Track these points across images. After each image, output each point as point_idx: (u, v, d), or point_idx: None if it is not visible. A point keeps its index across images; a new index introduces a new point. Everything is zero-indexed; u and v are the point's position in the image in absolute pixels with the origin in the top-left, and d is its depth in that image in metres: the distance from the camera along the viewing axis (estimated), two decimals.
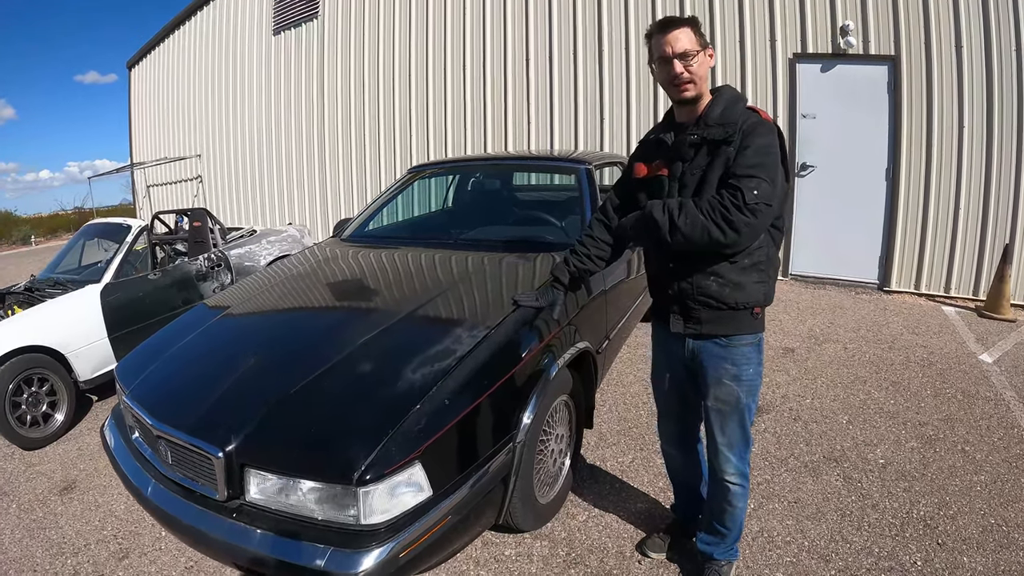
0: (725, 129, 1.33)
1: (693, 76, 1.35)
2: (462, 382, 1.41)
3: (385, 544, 1.22)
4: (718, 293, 1.39)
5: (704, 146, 1.37)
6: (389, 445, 1.24)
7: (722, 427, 1.50)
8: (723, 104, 1.37)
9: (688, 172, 1.39)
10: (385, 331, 1.66)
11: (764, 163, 1.29)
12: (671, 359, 1.58)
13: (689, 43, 1.34)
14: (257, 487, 1.35)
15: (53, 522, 2.23)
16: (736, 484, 1.53)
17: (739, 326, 1.42)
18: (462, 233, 2.67)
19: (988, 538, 1.84)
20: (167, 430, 1.47)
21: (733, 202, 1.26)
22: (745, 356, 1.45)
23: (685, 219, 1.30)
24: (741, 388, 1.46)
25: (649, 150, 1.52)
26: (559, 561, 1.79)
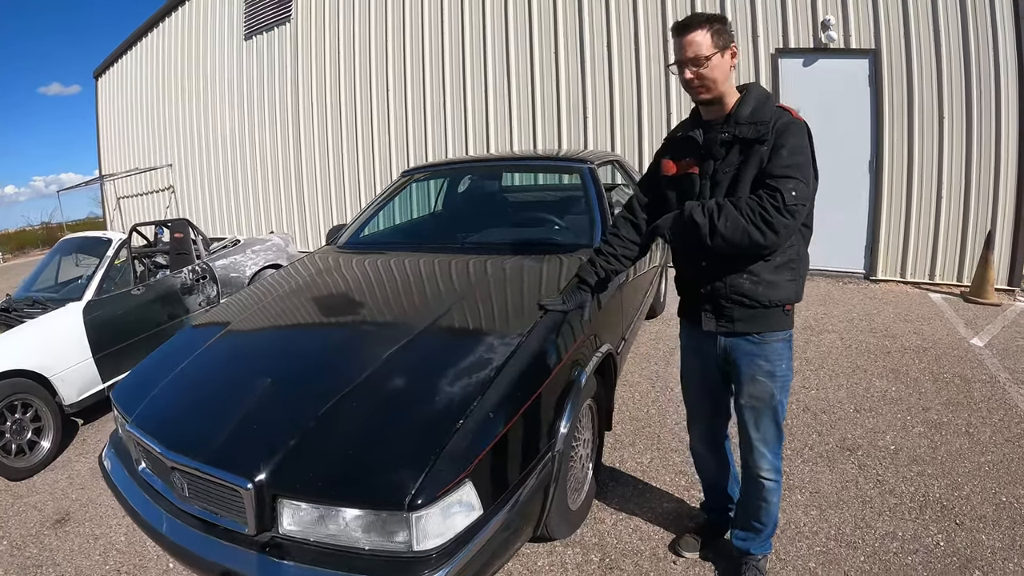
0: (757, 128, 1.32)
1: (705, 81, 1.35)
2: (504, 393, 1.36)
3: (439, 571, 1.15)
4: (752, 291, 1.39)
5: (736, 144, 1.36)
6: (439, 465, 1.18)
7: (756, 424, 1.51)
8: (753, 103, 1.37)
9: (720, 170, 1.39)
10: (409, 344, 1.59)
11: (799, 163, 1.29)
12: (703, 358, 1.58)
13: (703, 47, 1.33)
14: (291, 518, 1.26)
15: (49, 558, 2.10)
16: (771, 480, 1.54)
17: (771, 323, 1.43)
18: (467, 237, 2.60)
19: (1003, 515, 1.90)
20: (184, 461, 1.36)
21: (772, 203, 1.26)
22: (777, 352, 1.46)
23: (725, 222, 1.29)
24: (775, 384, 1.47)
25: (677, 147, 1.50)
26: (594, 568, 1.76)
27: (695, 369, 1.63)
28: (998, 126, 4.39)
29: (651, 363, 3.36)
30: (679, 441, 2.49)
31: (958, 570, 1.66)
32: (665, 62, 5.51)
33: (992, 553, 1.72)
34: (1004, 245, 4.50)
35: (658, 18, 5.50)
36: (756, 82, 1.46)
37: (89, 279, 3.27)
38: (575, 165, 2.78)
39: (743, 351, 1.47)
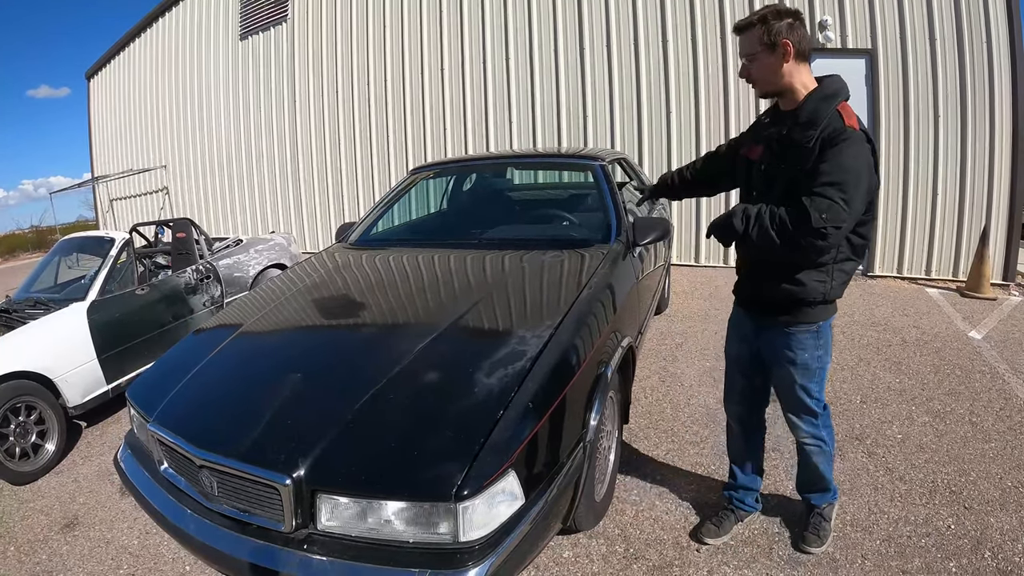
0: (805, 133, 1.33)
1: (752, 78, 1.41)
2: (540, 384, 1.37)
3: (483, 561, 1.15)
4: (781, 287, 1.48)
5: (784, 142, 1.39)
6: (484, 455, 1.18)
7: (787, 400, 1.65)
8: (815, 102, 1.35)
9: (770, 165, 1.44)
10: (439, 338, 1.59)
11: (840, 181, 1.26)
12: (740, 337, 1.71)
13: (750, 46, 1.37)
14: (330, 513, 1.24)
15: (60, 564, 2.04)
16: (810, 444, 1.67)
17: (797, 315, 1.51)
18: (483, 233, 2.61)
19: (1009, 498, 1.96)
20: (216, 459, 1.34)
21: (801, 223, 1.27)
22: (802, 342, 1.52)
23: (757, 231, 1.35)
24: (796, 371, 1.56)
25: (756, 131, 1.57)
26: (619, 558, 1.78)
27: (733, 349, 1.76)
28: (992, 124, 4.50)
29: (659, 358, 3.39)
30: (693, 434, 2.52)
31: (970, 551, 1.71)
32: (664, 64, 5.57)
33: (1001, 534, 1.78)
34: (999, 240, 4.61)
35: (657, 19, 5.55)
36: (836, 75, 1.43)
37: (92, 279, 3.22)
38: (587, 162, 2.80)
39: (771, 337, 1.58)
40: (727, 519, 1.84)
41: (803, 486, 1.81)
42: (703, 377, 3.11)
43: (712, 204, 5.60)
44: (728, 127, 5.41)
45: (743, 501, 1.86)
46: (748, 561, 1.73)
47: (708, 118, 5.49)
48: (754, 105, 5.28)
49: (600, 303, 1.82)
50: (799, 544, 1.75)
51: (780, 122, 1.43)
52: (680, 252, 5.79)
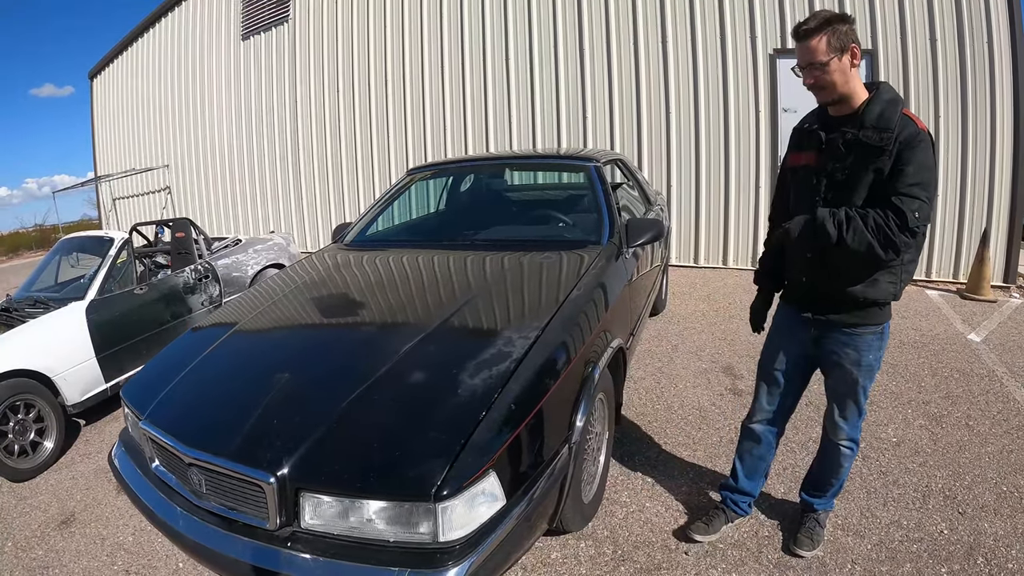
0: (881, 135, 1.34)
1: (824, 84, 1.38)
2: (524, 386, 1.38)
3: (463, 561, 1.16)
4: (851, 290, 1.47)
5: (856, 148, 1.38)
6: (464, 456, 1.19)
7: (840, 404, 1.64)
8: (881, 106, 1.37)
9: (839, 170, 1.41)
10: (427, 338, 1.60)
11: (924, 181, 1.31)
12: (793, 341, 1.67)
13: (821, 52, 1.35)
14: (313, 512, 1.26)
15: (56, 560, 2.07)
16: (847, 447, 1.69)
17: (866, 318, 1.51)
18: (475, 234, 2.61)
19: (1004, 504, 1.94)
20: (204, 457, 1.36)
21: (897, 223, 1.30)
22: (867, 344, 1.54)
23: (853, 236, 1.34)
24: (860, 372, 1.56)
25: (801, 139, 1.55)
26: (607, 559, 1.78)
27: (779, 351, 1.71)
28: (993, 125, 4.47)
29: (655, 360, 3.39)
30: (685, 436, 2.51)
31: (962, 557, 1.70)
32: (663, 65, 5.56)
33: (995, 540, 1.76)
34: (1000, 242, 4.57)
35: (656, 20, 5.54)
36: (887, 82, 1.47)
37: (92, 278, 3.25)
38: (582, 163, 2.80)
39: (834, 340, 1.56)
40: (717, 519, 1.84)
41: (812, 487, 1.80)
42: (698, 379, 3.10)
43: (711, 203, 5.59)
44: (727, 128, 5.39)
45: (737, 504, 1.86)
46: (736, 564, 1.73)
47: (707, 119, 5.47)
48: (753, 105, 5.27)
49: (589, 304, 1.83)
50: (790, 546, 1.75)
51: (836, 127, 1.43)
52: (679, 253, 5.78)
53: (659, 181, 5.70)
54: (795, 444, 2.40)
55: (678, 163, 5.65)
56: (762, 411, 1.78)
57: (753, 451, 1.83)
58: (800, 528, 1.78)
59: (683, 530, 1.86)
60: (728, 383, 3.01)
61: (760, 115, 5.23)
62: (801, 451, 2.35)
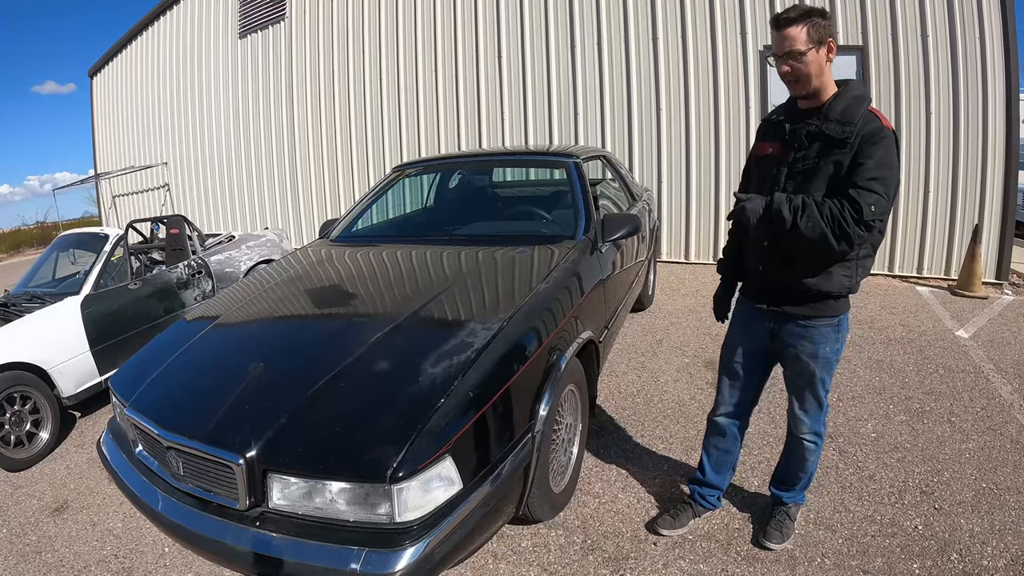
0: (843, 129, 1.35)
1: (799, 75, 1.39)
2: (484, 374, 1.42)
3: (420, 541, 1.21)
4: (805, 281, 1.48)
5: (820, 139, 1.40)
6: (419, 440, 1.23)
7: (799, 396, 1.66)
8: (846, 101, 1.39)
9: (800, 160, 1.43)
10: (395, 329, 1.65)
11: (883, 177, 1.31)
12: (750, 333, 1.68)
13: (799, 42, 1.35)
14: (280, 493, 1.32)
15: (48, 545, 2.14)
16: (810, 441, 1.70)
17: (820, 310, 1.52)
18: (455, 229, 2.65)
19: (982, 501, 1.93)
20: (179, 440, 1.42)
21: (853, 216, 1.30)
22: (823, 335, 1.54)
23: (807, 222, 1.34)
24: (817, 364, 1.57)
25: (768, 129, 1.58)
26: (576, 548, 1.81)
27: (738, 345, 1.72)
28: (985, 121, 4.45)
29: (638, 354, 3.41)
30: (663, 429, 2.54)
31: (936, 553, 1.70)
32: (654, 62, 5.56)
33: (970, 537, 1.75)
34: (991, 238, 4.55)
35: (648, 16, 5.54)
36: (858, 80, 1.51)
37: (87, 274, 3.31)
38: (561, 160, 2.82)
39: (790, 332, 1.57)
40: (684, 513, 1.87)
41: (781, 481, 1.82)
42: (679, 373, 3.12)
43: (701, 199, 5.60)
44: (718, 124, 5.39)
45: (705, 498, 1.88)
46: (705, 556, 1.75)
47: (697, 116, 5.47)
48: (743, 102, 5.26)
49: (558, 296, 1.86)
50: (759, 539, 1.77)
51: (801, 119, 1.45)
52: (669, 249, 5.79)
53: (650, 177, 5.70)
54: (772, 438, 2.41)
55: (668, 159, 5.65)
56: (724, 404, 1.80)
57: (719, 444, 1.85)
58: (770, 521, 1.80)
59: (651, 524, 1.88)
60: (709, 377, 3.03)
61: (750, 112, 5.23)
62: (778, 444, 2.35)
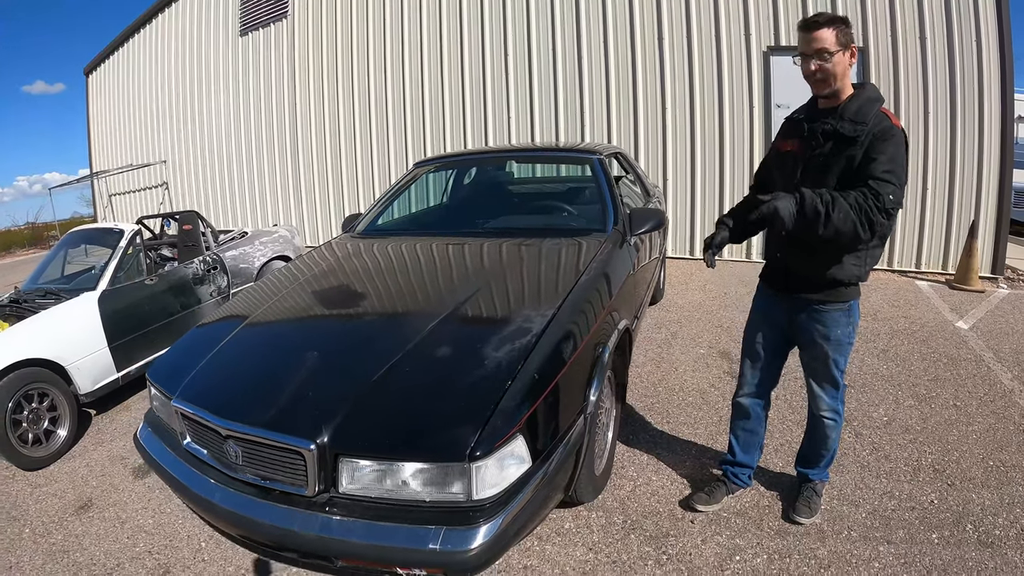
0: (856, 127, 1.46)
1: (826, 74, 1.48)
2: (544, 358, 1.46)
3: (494, 518, 1.24)
4: (819, 269, 1.59)
5: (834, 138, 1.50)
6: (494, 419, 1.27)
7: (816, 376, 1.78)
8: (860, 102, 1.50)
9: (815, 157, 1.54)
10: (448, 317, 1.68)
11: (897, 170, 1.43)
12: (768, 318, 1.81)
13: (828, 43, 1.45)
14: (351, 477, 1.33)
15: (76, 544, 2.07)
16: (829, 419, 1.80)
17: (832, 295, 1.63)
18: (486, 222, 2.70)
19: (991, 477, 2.06)
20: (241, 428, 1.41)
21: (876, 204, 1.40)
22: (835, 319, 1.65)
23: (839, 214, 1.42)
24: (830, 346, 1.68)
25: (788, 128, 1.70)
26: (617, 528, 1.88)
27: (758, 328, 1.85)
28: (981, 120, 4.61)
29: (655, 346, 3.49)
30: (687, 416, 2.61)
31: (952, 524, 1.81)
32: (660, 61, 5.66)
33: (982, 510, 1.87)
34: (987, 234, 4.71)
35: (653, 17, 5.64)
36: (872, 83, 1.62)
37: (103, 269, 3.28)
38: (586, 156, 2.89)
39: (805, 317, 1.69)
40: (718, 490, 1.96)
41: (806, 459, 1.93)
42: (697, 364, 3.20)
43: (706, 196, 5.70)
44: (722, 123, 5.50)
45: (738, 477, 1.98)
46: (740, 531, 1.83)
47: (703, 114, 5.57)
48: (747, 102, 5.38)
49: (598, 287, 1.92)
50: (789, 514, 1.87)
51: (818, 118, 1.55)
52: (676, 245, 5.89)
53: (655, 175, 5.80)
54: (791, 423, 2.50)
55: (674, 157, 5.75)
56: (748, 385, 1.91)
57: (745, 426, 1.96)
58: (798, 498, 1.90)
59: (686, 501, 1.97)
60: (726, 367, 3.12)
61: (754, 110, 5.35)
62: (797, 428, 2.44)
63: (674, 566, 1.70)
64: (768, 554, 1.72)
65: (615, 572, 1.69)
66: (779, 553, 1.73)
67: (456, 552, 1.21)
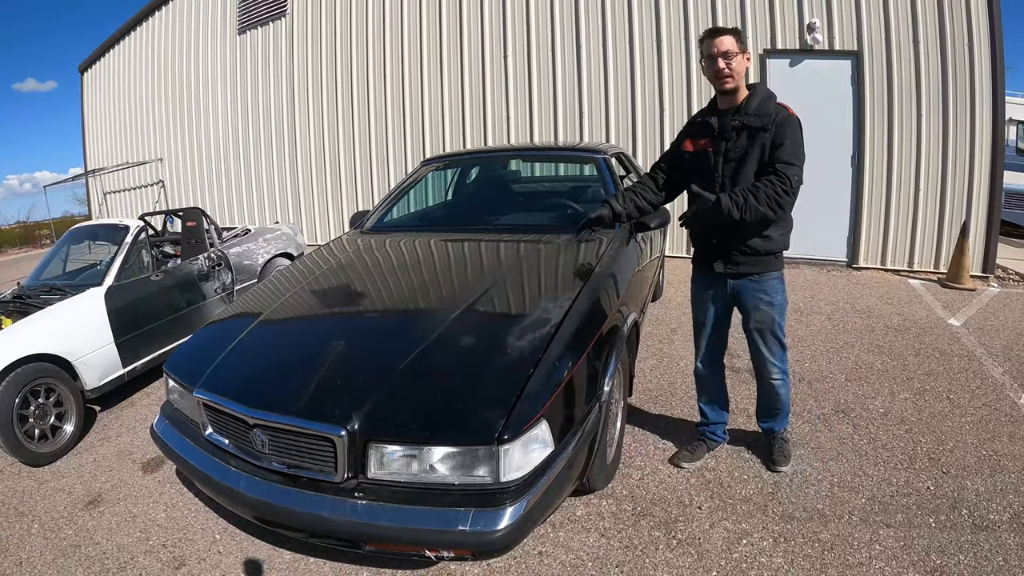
0: (762, 119, 1.74)
1: (732, 72, 1.76)
2: (564, 347, 1.52)
3: (519, 500, 1.28)
4: (754, 244, 1.85)
5: (745, 131, 1.76)
6: (520, 404, 1.32)
7: (763, 341, 2.00)
8: (759, 98, 1.77)
9: (732, 149, 1.80)
10: (469, 309, 1.73)
11: (797, 153, 1.73)
12: (713, 295, 2.03)
13: (731, 46, 1.74)
14: (379, 462, 1.36)
15: (88, 538, 2.05)
16: (777, 380, 2.05)
17: (768, 265, 1.91)
18: (495, 219, 2.74)
19: (984, 465, 2.14)
20: (269, 417, 1.43)
21: (782, 187, 1.69)
22: (773, 287, 1.93)
23: (748, 212, 1.71)
24: (774, 310, 1.94)
25: (696, 130, 1.93)
26: (628, 515, 1.93)
27: (705, 305, 2.06)
28: (972, 123, 4.72)
29: (655, 341, 3.55)
30: (690, 407, 2.67)
31: (948, 509, 1.88)
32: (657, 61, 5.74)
33: (976, 496, 1.95)
34: (978, 234, 4.82)
35: (652, 19, 5.72)
36: (762, 82, 1.82)
37: (109, 265, 3.29)
38: (591, 155, 2.95)
39: (747, 288, 1.93)
40: (699, 448, 2.21)
41: (765, 415, 2.17)
42: None
43: None
44: None
45: (715, 433, 2.24)
46: (745, 516, 1.89)
47: None
48: None
49: (610, 280, 1.99)
50: (770, 466, 2.12)
51: (723, 115, 1.81)
52: (672, 244, 5.97)
53: None
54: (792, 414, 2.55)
55: None
56: (703, 353, 2.15)
57: (707, 389, 2.21)
58: (772, 451, 2.15)
59: (673, 459, 2.20)
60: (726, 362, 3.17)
61: None
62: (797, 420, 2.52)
63: (684, 550, 1.76)
64: (774, 537, 1.79)
65: (627, 556, 1.74)
66: (784, 536, 1.79)
67: (485, 533, 1.25)
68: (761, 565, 1.67)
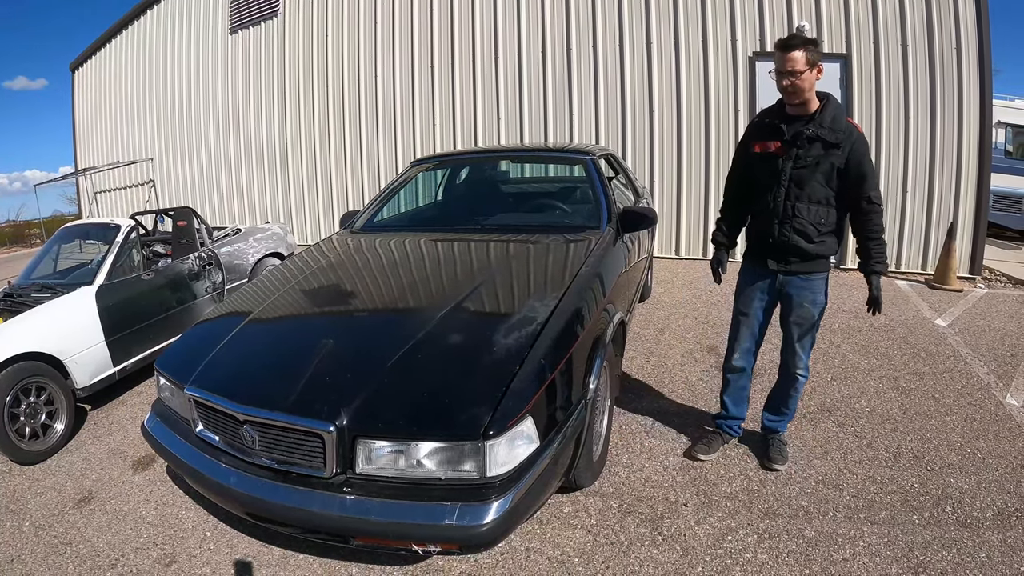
0: (836, 135, 1.80)
1: (797, 89, 1.78)
2: (549, 345, 1.54)
3: (505, 495, 1.30)
4: (809, 248, 1.94)
5: (818, 142, 1.82)
6: (506, 400, 1.34)
7: (800, 336, 2.07)
8: (833, 112, 1.83)
9: (802, 158, 1.86)
10: (456, 307, 1.75)
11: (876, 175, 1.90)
12: (758, 288, 2.11)
13: (800, 63, 1.75)
14: (367, 458, 1.38)
15: (79, 535, 2.06)
16: (802, 375, 2.13)
17: (817, 267, 2.00)
18: (484, 220, 2.76)
19: (968, 463, 2.17)
20: (259, 413, 1.45)
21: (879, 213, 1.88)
22: (819, 287, 2.03)
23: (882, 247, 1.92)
24: (816, 309, 2.04)
25: (764, 132, 1.97)
26: (614, 512, 1.95)
27: (752, 300, 2.13)
28: (960, 125, 4.78)
29: (644, 341, 3.58)
30: (676, 407, 2.70)
31: (932, 506, 1.91)
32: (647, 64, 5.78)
33: (960, 493, 1.98)
34: (965, 236, 4.89)
35: (642, 21, 5.75)
36: (831, 93, 1.89)
37: (100, 263, 3.28)
38: (580, 157, 2.97)
39: (795, 284, 2.02)
40: (715, 441, 2.27)
41: (775, 413, 2.23)
42: (685, 358, 3.30)
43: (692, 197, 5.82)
44: (708, 126, 5.62)
45: (732, 428, 2.30)
46: (731, 513, 1.92)
47: (689, 117, 5.70)
48: (732, 105, 5.52)
49: (595, 281, 2.00)
50: (766, 464, 2.16)
51: (792, 122, 1.86)
52: (662, 245, 6.01)
53: (643, 177, 5.90)
54: None
55: (660, 159, 5.87)
56: (740, 346, 2.19)
57: (736, 382, 2.25)
58: (769, 449, 2.19)
59: (688, 452, 2.26)
60: (713, 361, 3.22)
61: (739, 114, 5.48)
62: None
63: (669, 546, 1.78)
64: (758, 533, 1.81)
65: (614, 552, 1.77)
66: (769, 533, 1.82)
67: (471, 527, 1.27)
68: (746, 561, 1.69)
